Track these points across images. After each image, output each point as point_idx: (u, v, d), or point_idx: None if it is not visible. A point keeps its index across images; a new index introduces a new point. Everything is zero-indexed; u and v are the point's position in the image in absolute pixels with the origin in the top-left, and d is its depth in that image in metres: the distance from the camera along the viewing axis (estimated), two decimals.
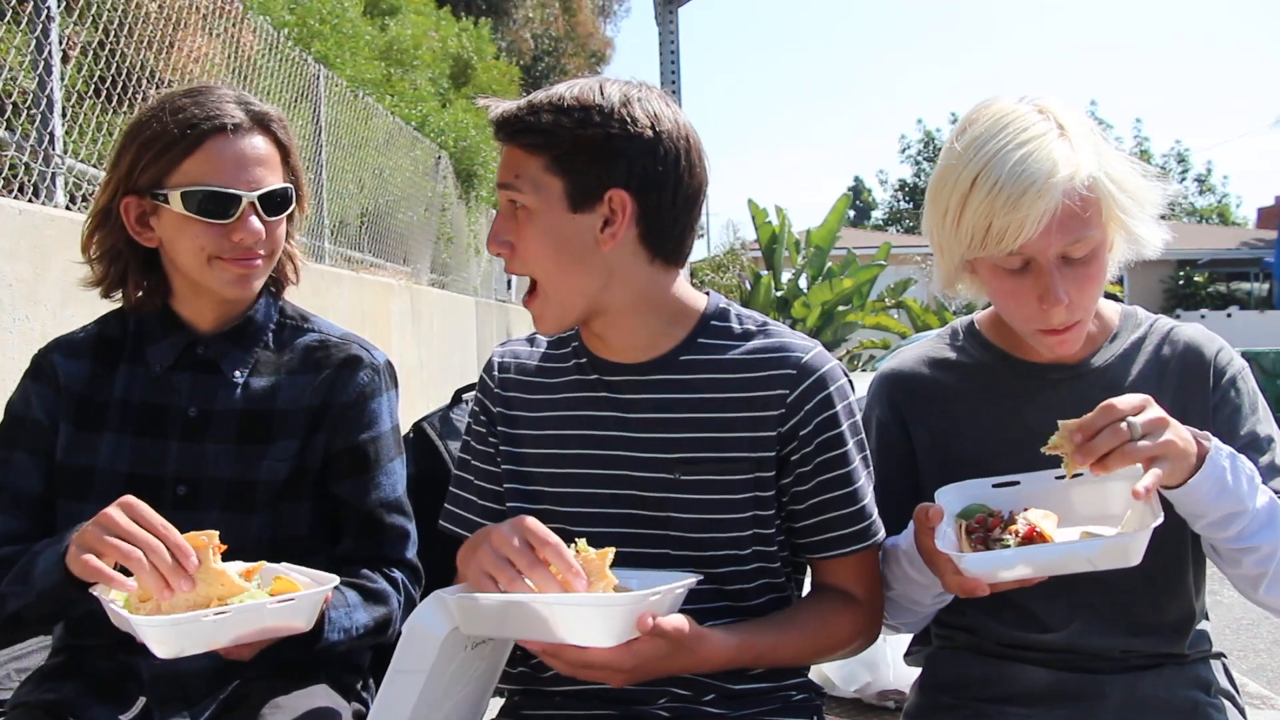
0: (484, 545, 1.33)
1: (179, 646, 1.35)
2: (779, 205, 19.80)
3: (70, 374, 1.71)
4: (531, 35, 24.09)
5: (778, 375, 1.51)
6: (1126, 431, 1.32)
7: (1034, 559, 1.37)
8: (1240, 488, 1.41)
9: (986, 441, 1.64)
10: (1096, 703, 1.60)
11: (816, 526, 1.54)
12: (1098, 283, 1.53)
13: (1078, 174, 1.45)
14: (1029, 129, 1.47)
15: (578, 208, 1.45)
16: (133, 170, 1.64)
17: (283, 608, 1.40)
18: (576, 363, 1.60)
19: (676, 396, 1.53)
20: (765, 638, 1.48)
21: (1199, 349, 1.64)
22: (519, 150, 1.46)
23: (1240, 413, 1.60)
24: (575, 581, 1.28)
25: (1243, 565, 1.48)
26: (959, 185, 1.49)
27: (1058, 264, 1.49)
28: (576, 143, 1.42)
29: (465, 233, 12.20)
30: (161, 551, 1.36)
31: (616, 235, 1.46)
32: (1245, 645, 4.95)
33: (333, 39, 8.54)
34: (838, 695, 3.29)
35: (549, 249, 1.46)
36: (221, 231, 1.63)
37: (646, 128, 1.44)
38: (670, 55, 11.20)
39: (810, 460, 1.51)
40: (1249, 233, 34.99)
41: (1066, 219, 1.45)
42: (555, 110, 1.42)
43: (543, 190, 1.45)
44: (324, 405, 1.73)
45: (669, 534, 1.51)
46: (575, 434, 1.56)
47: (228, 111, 1.64)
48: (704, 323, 1.57)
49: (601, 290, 1.49)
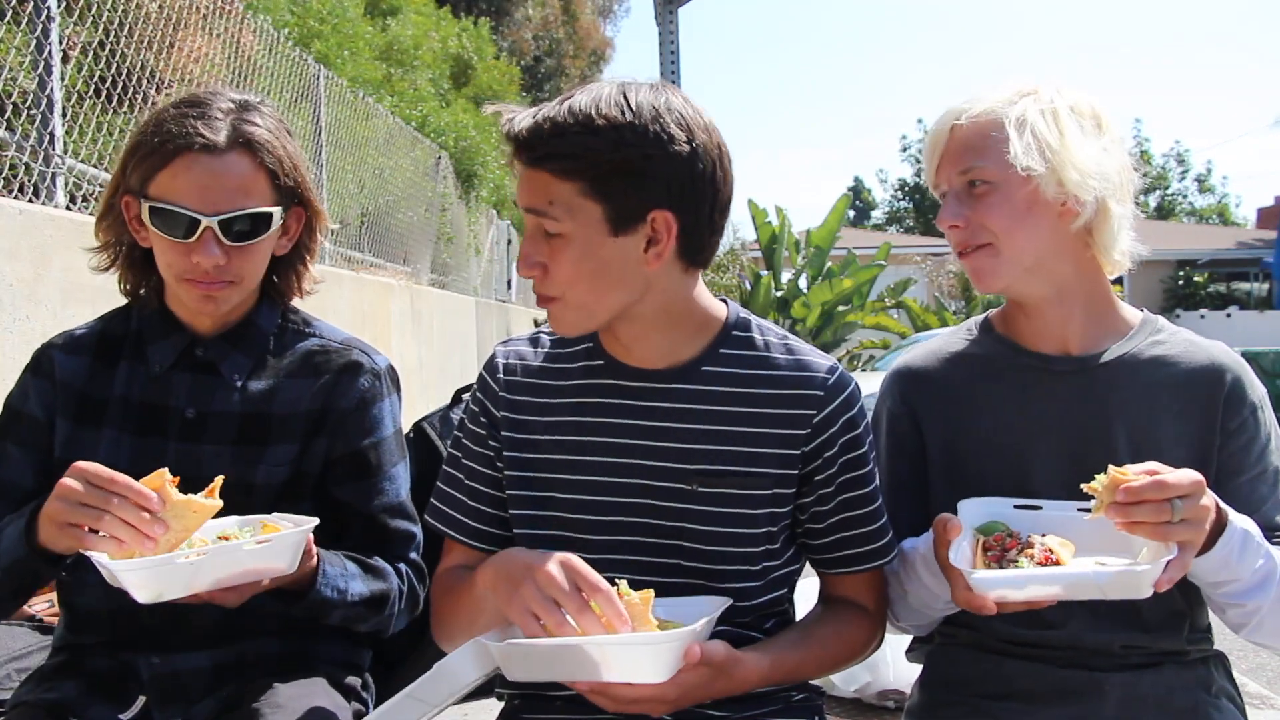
0: (528, 583, 1.29)
1: (157, 590, 1.36)
2: (779, 205, 19.78)
3: (69, 370, 1.71)
4: (532, 35, 24.09)
5: (805, 395, 1.50)
6: (1169, 513, 1.32)
7: (1043, 582, 1.37)
8: (1242, 564, 1.45)
9: (992, 430, 1.66)
10: (1097, 701, 1.60)
11: (836, 544, 1.56)
12: (1003, 211, 1.58)
13: (969, 110, 1.59)
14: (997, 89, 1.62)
15: (619, 231, 1.40)
16: (125, 169, 1.64)
17: (261, 549, 1.41)
18: (589, 365, 1.56)
19: (697, 407, 1.51)
20: (792, 656, 1.49)
21: (1219, 371, 1.62)
22: (548, 175, 1.39)
23: (1255, 443, 1.60)
24: (621, 627, 1.26)
25: (1228, 614, 1.56)
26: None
27: (960, 193, 1.61)
28: (613, 166, 1.36)
29: (465, 233, 12.19)
30: (125, 506, 1.37)
31: (662, 255, 1.42)
32: (1245, 645, 4.92)
33: (333, 39, 8.54)
34: (838, 695, 3.28)
35: (587, 271, 1.41)
36: (182, 251, 1.60)
37: (683, 144, 1.38)
38: (670, 55, 11.18)
39: (833, 481, 1.52)
40: (1249, 233, 34.98)
41: (957, 150, 1.60)
42: (584, 131, 1.35)
43: (580, 215, 1.39)
44: (323, 410, 1.73)
45: (682, 545, 1.50)
46: (590, 439, 1.53)
47: (208, 129, 1.59)
48: (726, 332, 1.55)
49: (635, 302, 1.46)
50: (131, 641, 1.66)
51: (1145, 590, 1.34)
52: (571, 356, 1.59)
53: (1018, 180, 1.56)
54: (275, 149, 1.65)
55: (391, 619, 1.73)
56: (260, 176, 1.64)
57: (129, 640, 1.67)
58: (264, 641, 1.70)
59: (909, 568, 1.59)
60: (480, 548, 1.60)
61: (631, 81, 1.43)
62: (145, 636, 1.66)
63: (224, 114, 1.63)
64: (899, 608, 1.66)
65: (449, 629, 1.55)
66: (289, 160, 1.67)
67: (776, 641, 1.50)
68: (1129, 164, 1.64)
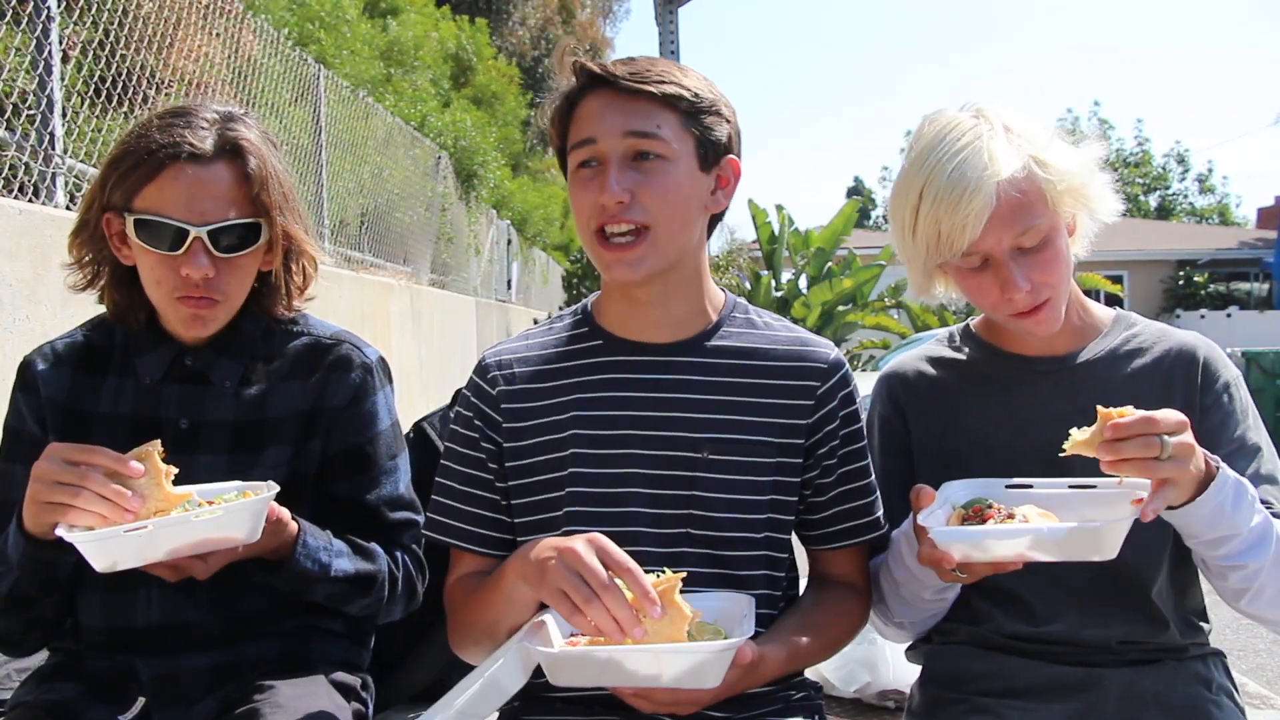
0: (555, 562, 1.31)
1: (111, 559, 1.39)
2: (779, 205, 19.78)
3: (51, 384, 1.70)
4: (530, 36, 24.09)
5: (809, 367, 1.58)
6: (1158, 448, 1.33)
7: (1001, 536, 1.38)
8: (1238, 514, 1.44)
9: (979, 430, 1.70)
10: (1096, 697, 1.61)
11: (835, 517, 1.61)
12: (1058, 263, 1.57)
13: (1009, 168, 1.51)
14: (965, 135, 1.54)
15: (706, 166, 1.53)
16: (105, 186, 1.61)
17: (214, 519, 1.42)
18: (590, 345, 1.60)
19: (703, 379, 1.56)
20: (803, 644, 1.53)
21: (1191, 351, 1.67)
22: (653, 102, 1.48)
23: (1231, 419, 1.63)
24: (649, 607, 1.27)
25: (1229, 579, 1.53)
26: (909, 199, 1.57)
27: (1013, 255, 1.55)
28: (703, 106, 1.51)
29: (465, 233, 12.20)
30: (101, 481, 1.38)
31: (726, 199, 1.57)
32: (1245, 644, 4.95)
33: (332, 39, 8.54)
34: (838, 695, 3.29)
35: (677, 200, 1.50)
36: (171, 264, 1.59)
37: (730, 108, 1.56)
38: (670, 55, 11.19)
39: (835, 453, 1.59)
40: (1249, 233, 34.94)
41: (1008, 213, 1.52)
42: (678, 70, 1.52)
43: (681, 142, 1.50)
44: (315, 410, 1.72)
45: (692, 514, 1.52)
46: (598, 414, 1.55)
47: (194, 138, 1.58)
48: (727, 312, 1.63)
49: (689, 252, 1.55)
50: (130, 641, 1.66)
51: (1109, 550, 1.34)
52: (566, 341, 1.62)
53: (1059, 226, 1.57)
54: (261, 157, 1.63)
55: (382, 603, 1.72)
56: (246, 188, 1.62)
57: (128, 641, 1.66)
58: (264, 643, 1.70)
59: (896, 555, 1.61)
60: (487, 553, 1.61)
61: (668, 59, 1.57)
62: (145, 639, 1.66)
63: (209, 123, 1.61)
64: (893, 602, 1.67)
65: (473, 633, 1.55)
66: (275, 176, 1.65)
67: (787, 631, 1.54)
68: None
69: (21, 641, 1.69)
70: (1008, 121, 1.56)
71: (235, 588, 1.63)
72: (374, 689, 1.85)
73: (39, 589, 1.58)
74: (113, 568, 1.39)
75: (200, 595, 1.63)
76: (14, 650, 1.73)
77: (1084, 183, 1.58)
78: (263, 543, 1.50)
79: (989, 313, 1.66)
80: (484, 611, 1.51)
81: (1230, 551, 1.48)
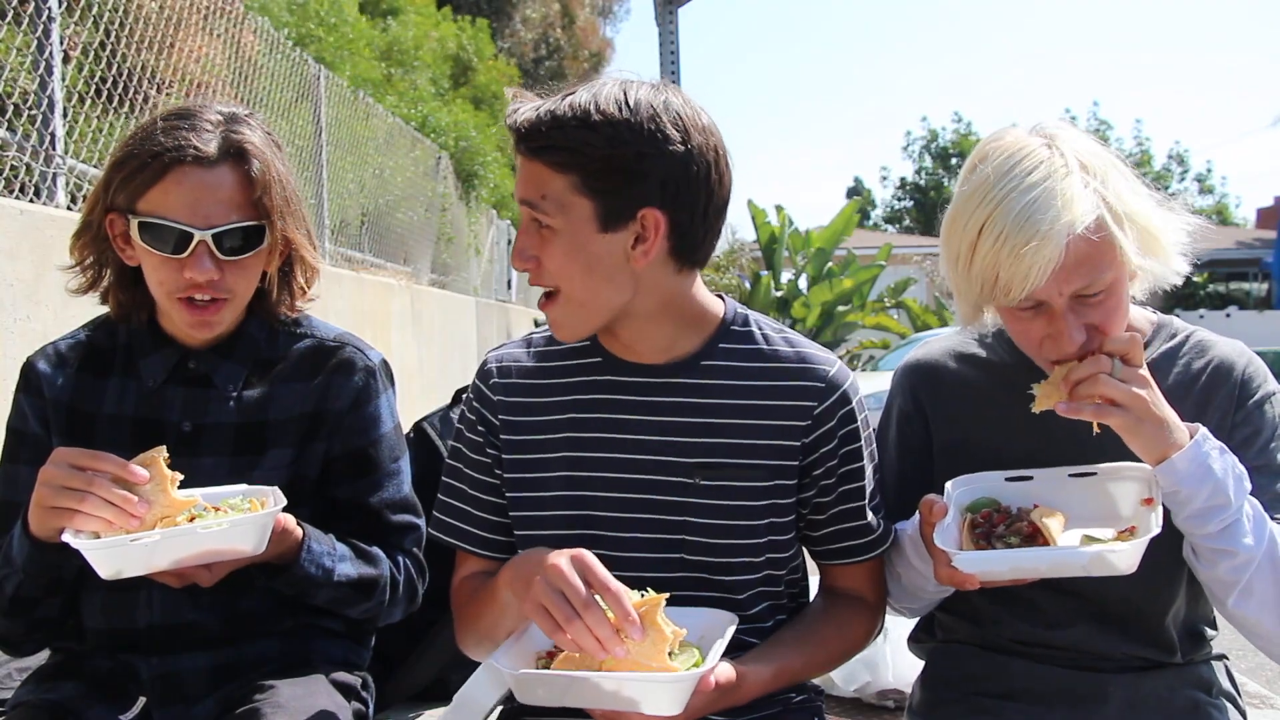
0: (539, 578, 1.29)
1: (116, 567, 1.39)
2: (779, 205, 19.80)
3: (54, 384, 1.70)
4: (531, 37, 24.09)
5: (805, 386, 1.52)
6: (1108, 364, 1.37)
7: (1025, 562, 1.38)
8: (1227, 481, 1.42)
9: (1002, 435, 1.64)
10: (1099, 703, 1.60)
11: (832, 536, 1.58)
12: (1117, 314, 1.48)
13: (1084, 219, 1.39)
14: (1035, 170, 1.42)
15: (608, 228, 1.41)
16: (108, 188, 1.61)
17: (221, 531, 1.42)
18: (586, 362, 1.57)
19: (697, 401, 1.52)
20: (795, 662, 1.50)
21: (1229, 365, 1.61)
22: (544, 167, 1.40)
23: (1260, 435, 1.57)
24: (629, 628, 1.26)
25: (1219, 568, 1.46)
26: (967, 232, 1.45)
27: (1071, 305, 1.45)
28: (607, 162, 1.37)
29: (465, 233, 12.20)
30: (107, 487, 1.39)
31: (649, 253, 1.43)
32: (1245, 644, 4.91)
33: (332, 39, 8.55)
34: (838, 695, 3.29)
35: (577, 266, 1.43)
36: (175, 267, 1.59)
37: (678, 144, 1.39)
38: (670, 55, 11.19)
39: (833, 473, 1.54)
40: (1248, 233, 34.95)
41: (1074, 265, 1.40)
42: (581, 126, 1.36)
43: (570, 211, 1.40)
44: (318, 413, 1.72)
45: (685, 539, 1.51)
46: (590, 436, 1.54)
47: (199, 141, 1.58)
48: (724, 328, 1.56)
49: (628, 301, 1.47)
50: (131, 641, 1.66)
51: (1127, 568, 1.35)
52: (567, 354, 1.59)
53: (1124, 277, 1.47)
54: (265, 160, 1.63)
55: (383, 606, 1.73)
56: (250, 191, 1.61)
57: (128, 641, 1.66)
58: (264, 642, 1.70)
59: (899, 551, 1.60)
60: (490, 555, 1.61)
61: (634, 79, 1.44)
62: (145, 639, 1.66)
63: (214, 126, 1.61)
64: (894, 590, 1.66)
65: (474, 635, 1.56)
66: (278, 180, 1.65)
67: (779, 647, 1.51)
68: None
69: (24, 642, 1.69)
70: (1083, 157, 1.44)
71: (236, 588, 1.63)
72: (374, 688, 1.85)
73: (43, 591, 1.58)
74: (118, 575, 1.40)
75: (201, 595, 1.63)
76: (16, 651, 1.74)
77: (1157, 242, 1.46)
78: (268, 550, 1.51)
79: (1030, 355, 1.55)
80: (482, 615, 1.51)
81: (1223, 530, 1.42)
